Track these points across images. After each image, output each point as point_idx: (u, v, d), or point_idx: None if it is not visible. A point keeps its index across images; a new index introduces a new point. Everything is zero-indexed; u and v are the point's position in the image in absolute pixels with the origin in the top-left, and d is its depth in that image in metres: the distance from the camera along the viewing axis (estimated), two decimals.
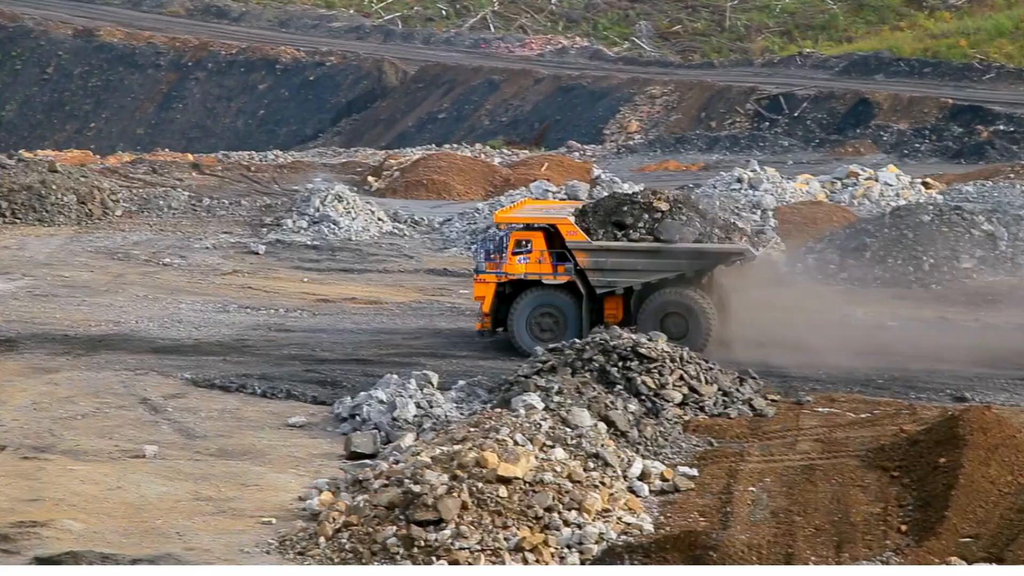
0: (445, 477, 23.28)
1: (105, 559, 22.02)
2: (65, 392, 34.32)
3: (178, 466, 28.10)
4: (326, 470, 28.19)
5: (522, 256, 39.38)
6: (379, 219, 62.21)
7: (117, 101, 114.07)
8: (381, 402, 31.33)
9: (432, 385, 32.03)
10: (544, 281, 39.24)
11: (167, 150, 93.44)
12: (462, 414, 30.49)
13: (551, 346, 33.14)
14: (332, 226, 59.90)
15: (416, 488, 23.03)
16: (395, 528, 22.55)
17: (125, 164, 79.89)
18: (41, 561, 22.00)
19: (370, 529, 22.81)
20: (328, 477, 27.27)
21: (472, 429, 25.86)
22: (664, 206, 39.81)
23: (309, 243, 57.11)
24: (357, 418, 31.40)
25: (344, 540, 22.72)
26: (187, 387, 35.55)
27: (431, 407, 31.01)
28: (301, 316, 43.72)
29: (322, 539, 22.97)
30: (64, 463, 27.89)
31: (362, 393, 32.50)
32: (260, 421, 32.43)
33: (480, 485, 22.97)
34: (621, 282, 39.30)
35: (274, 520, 24.64)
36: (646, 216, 39.54)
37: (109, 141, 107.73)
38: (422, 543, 22.08)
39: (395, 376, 32.73)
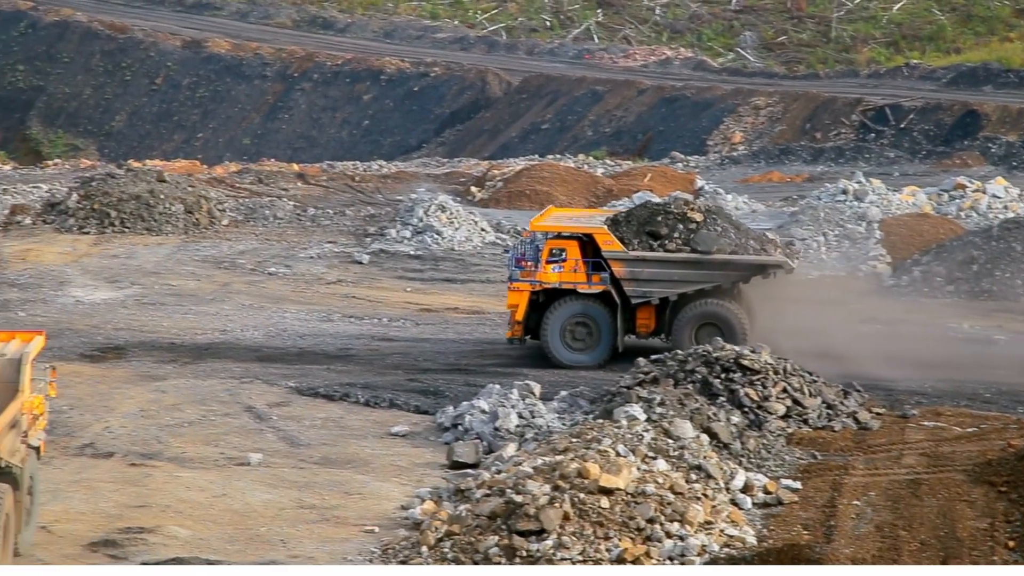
0: (547, 487, 23.27)
1: (211, 566, 22.20)
2: (172, 400, 34.68)
3: (282, 474, 28.30)
4: (428, 479, 28.28)
5: (556, 265, 39.24)
6: (482, 229, 62.33)
7: (224, 111, 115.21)
8: (483, 412, 31.39)
9: (534, 395, 32.04)
10: (579, 290, 39.17)
11: (273, 160, 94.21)
12: (564, 424, 30.48)
13: (653, 357, 32.93)
14: (435, 236, 60.09)
15: (518, 498, 23.03)
16: (497, 538, 22.57)
17: (231, 174, 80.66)
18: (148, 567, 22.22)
19: (472, 539, 22.84)
20: (430, 486, 27.35)
21: (574, 440, 25.84)
22: (698, 217, 39.78)
23: (412, 253, 57.35)
24: (459, 428, 31.48)
25: (446, 549, 22.77)
26: (291, 395, 35.81)
27: (533, 417, 31.02)
28: (404, 326, 43.90)
29: (424, 548, 23.04)
30: (171, 470, 28.17)
31: (464, 403, 32.57)
32: (363, 430, 32.60)
33: (582, 496, 22.94)
34: (657, 292, 39.16)
35: (377, 528, 24.75)
36: (680, 227, 39.47)
37: (216, 151, 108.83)
38: (524, 553, 22.08)
39: (497, 386, 32.78)
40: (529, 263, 39.58)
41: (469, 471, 28.11)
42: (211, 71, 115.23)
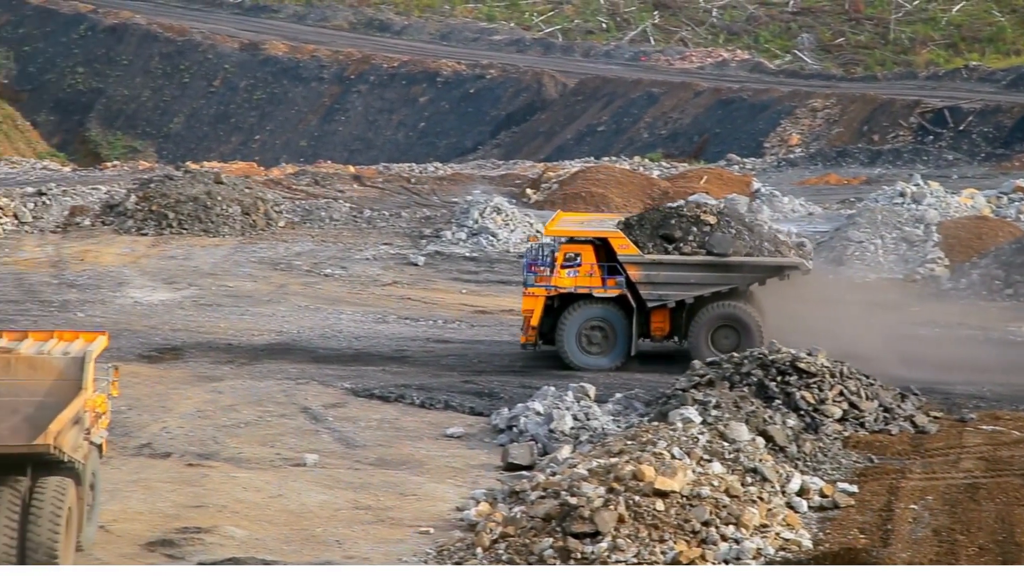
0: (602, 490, 23.25)
1: (267, 566, 22.30)
2: (228, 400, 34.85)
3: (338, 475, 28.38)
4: (483, 481, 28.30)
5: (571, 270, 39.14)
6: (537, 231, 62.32)
7: (281, 113, 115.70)
8: (538, 414, 31.39)
9: (589, 397, 32.02)
10: (595, 294, 39.09)
11: (329, 162, 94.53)
12: (619, 427, 30.44)
13: (709, 359, 32.83)
14: (490, 238, 60.15)
15: (573, 500, 23.02)
16: (552, 540, 22.57)
17: (288, 176, 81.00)
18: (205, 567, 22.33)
19: (527, 540, 22.84)
20: (485, 488, 27.38)
21: (629, 442, 25.81)
22: (712, 219, 39.77)
23: (468, 255, 57.43)
24: (514, 429, 31.50)
25: (501, 551, 22.78)
26: (347, 397, 35.92)
27: (588, 419, 31.00)
28: (459, 328, 43.95)
29: (479, 549, 23.06)
30: (227, 470, 28.30)
31: (519, 405, 32.59)
32: (418, 431, 32.67)
33: (637, 498, 22.91)
34: (673, 296, 39.07)
35: (432, 530, 24.79)
36: (694, 229, 39.38)
37: (273, 153, 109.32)
38: (579, 555, 22.07)
39: (552, 388, 32.79)
40: (542, 268, 39.49)
41: (524, 473, 28.13)
42: (268, 73, 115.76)
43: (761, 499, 24.37)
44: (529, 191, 74.60)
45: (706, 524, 22.94)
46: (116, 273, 53.32)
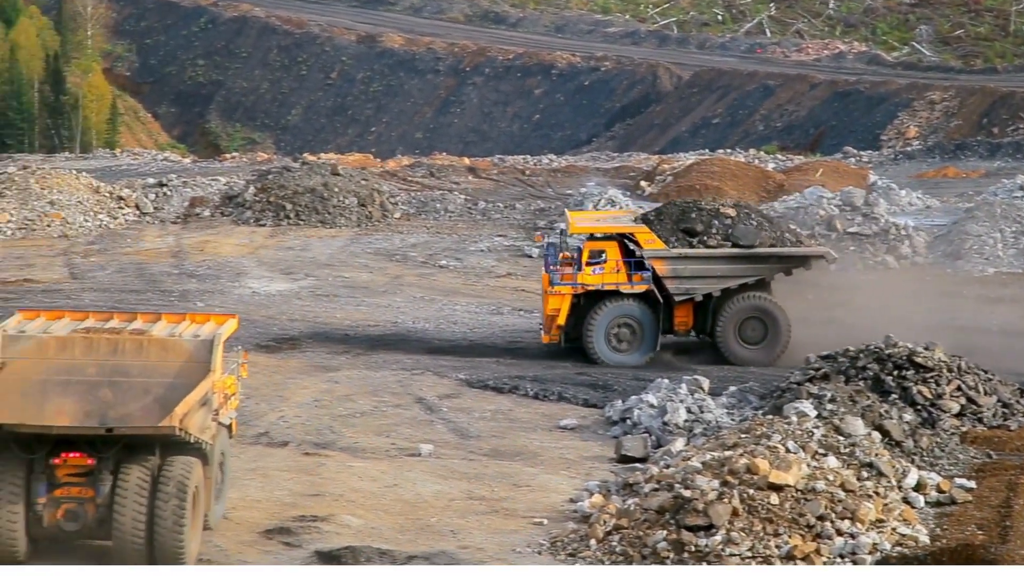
0: (716, 483, 23.20)
1: (382, 555, 22.47)
2: (345, 390, 35.14)
3: (452, 465, 28.53)
4: (597, 472, 28.33)
5: (596, 267, 38.81)
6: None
7: (397, 106, 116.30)
8: (652, 406, 31.36)
9: (703, 390, 31.94)
10: (622, 291, 38.79)
11: (444, 154, 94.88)
12: (733, 420, 30.35)
13: (824, 353, 32.58)
14: None
15: (687, 493, 23.00)
16: (665, 532, 22.56)
17: (404, 167, 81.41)
18: (321, 556, 22.54)
19: (640, 533, 22.86)
20: (599, 480, 27.40)
21: (743, 435, 25.73)
22: (731, 212, 39.60)
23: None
24: (628, 422, 31.49)
25: (615, 543, 22.82)
26: (461, 387, 36.09)
27: (702, 412, 30.93)
28: None
29: (593, 541, 23.10)
30: (343, 459, 28.54)
31: (633, 397, 32.57)
32: (532, 423, 32.76)
33: (751, 492, 22.85)
34: (700, 289, 38.79)
35: (546, 521, 24.85)
36: (715, 222, 39.13)
37: (389, 145, 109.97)
38: (692, 548, 22.05)
39: (666, 381, 32.74)
40: (554, 267, 39.12)
41: (637, 465, 28.12)
42: (385, 66, 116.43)
43: (877, 494, 24.19)
44: (643, 183, 74.42)
45: (821, 518, 22.82)
46: (235, 263, 53.93)
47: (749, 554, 21.81)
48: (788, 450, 24.49)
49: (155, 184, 69.24)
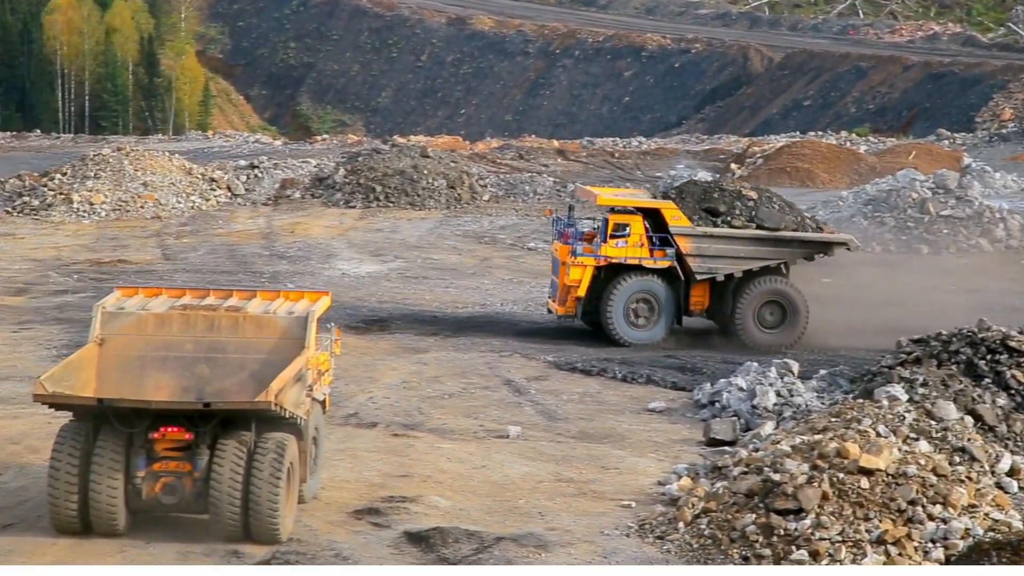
0: (805, 467, 23.08)
1: (470, 536, 22.55)
2: (433, 372, 35.27)
3: (540, 447, 28.56)
4: (685, 455, 28.27)
5: (620, 240, 38.52)
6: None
7: (487, 88, 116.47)
8: (741, 389, 31.24)
9: (793, 374, 31.77)
10: (644, 265, 38.43)
11: (533, 136, 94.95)
12: (823, 404, 30.17)
13: (915, 336, 32.29)
14: None
15: (776, 477, 22.89)
16: (754, 516, 22.47)
17: (493, 149, 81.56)
18: (410, 536, 22.65)
19: (729, 516, 22.78)
20: (687, 463, 27.34)
21: (833, 419, 25.56)
22: (753, 194, 39.40)
23: None
24: (717, 405, 31.40)
25: (703, 526, 22.76)
26: (550, 370, 36.13)
27: (791, 396, 30.78)
28: None
29: (681, 524, 23.06)
30: (432, 441, 28.65)
31: (722, 380, 32.47)
32: (620, 405, 32.73)
33: (841, 476, 22.70)
34: (723, 268, 38.51)
35: (634, 504, 24.82)
36: (738, 203, 38.83)
37: (478, 127, 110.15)
38: (781, 532, 21.95)
39: (755, 364, 32.60)
40: (577, 239, 38.78)
41: (726, 448, 28.03)
42: (475, 48, 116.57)
43: (969, 479, 23.96)
44: (733, 166, 74.16)
45: (912, 503, 22.63)
46: (325, 245, 54.25)
47: (839, 538, 21.68)
48: (879, 434, 24.31)
49: (246, 166, 69.78)
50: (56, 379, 22.02)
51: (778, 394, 30.74)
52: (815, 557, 21.38)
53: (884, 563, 21.44)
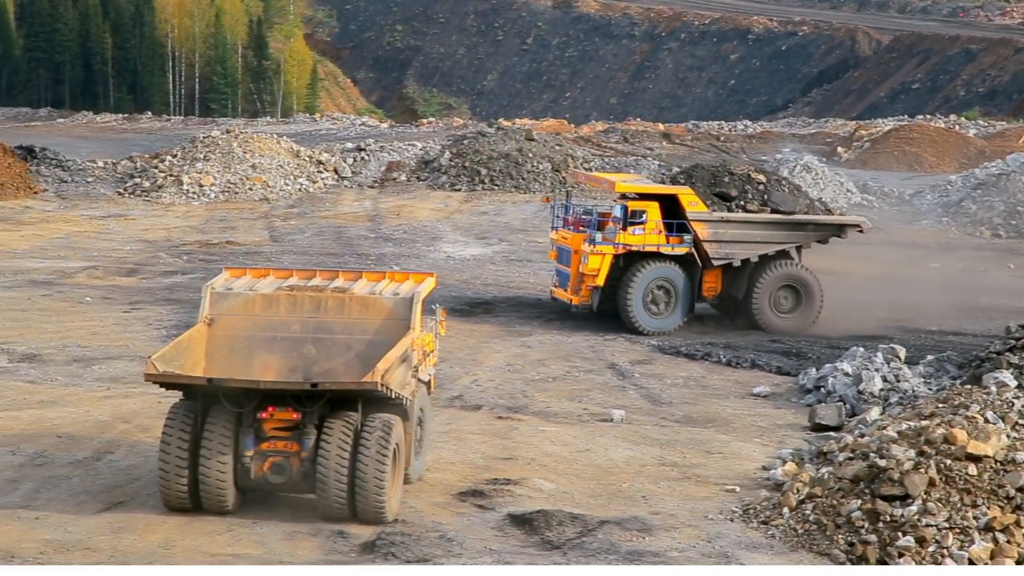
0: (912, 452, 22.91)
1: (574, 519, 22.61)
2: (537, 355, 35.35)
3: (644, 431, 28.56)
4: (790, 440, 28.17)
5: (637, 227, 38.06)
6: (847, 190, 61.49)
7: (592, 71, 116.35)
8: (847, 375, 31.06)
9: (899, 359, 31.54)
10: (663, 252, 37.99)
11: (638, 119, 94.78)
12: (930, 389, 29.93)
13: (1020, 323, 31.91)
14: None
15: (882, 462, 22.75)
16: (860, 502, 22.35)
17: (598, 133, 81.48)
18: (514, 519, 22.74)
19: (834, 502, 22.68)
20: (792, 448, 27.24)
21: (940, 405, 25.35)
22: (762, 177, 38.97)
23: None
24: (822, 390, 31.24)
25: (808, 512, 22.67)
26: (654, 354, 36.11)
27: (898, 381, 30.56)
28: None
29: (786, 509, 22.98)
30: (536, 424, 28.73)
31: (827, 365, 32.30)
32: (724, 389, 32.66)
33: (948, 462, 22.52)
34: (740, 254, 38.06)
35: (738, 488, 24.78)
36: (748, 188, 38.39)
37: (583, 110, 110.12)
38: (887, 518, 21.81)
39: (861, 349, 32.39)
40: (594, 228, 38.41)
41: (831, 434, 27.90)
42: (580, 31, 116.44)
43: None
44: (840, 150, 73.61)
45: (1021, 490, 22.41)
46: (430, 228, 54.52)
47: (946, 525, 21.52)
48: (987, 420, 24.08)
49: (353, 148, 70.26)
50: (166, 359, 22.29)
51: (884, 379, 30.54)
52: (921, 543, 21.24)
53: (991, 550, 21.28)
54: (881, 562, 21.27)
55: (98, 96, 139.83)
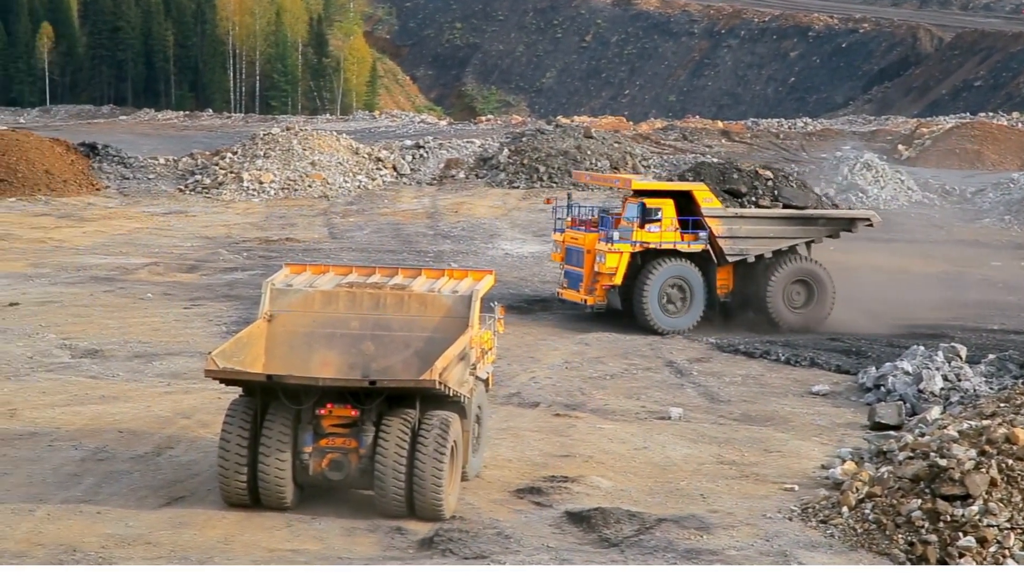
0: (973, 452, 22.76)
1: (631, 517, 22.58)
2: (595, 353, 35.33)
3: (702, 429, 28.50)
4: (849, 439, 28.04)
5: (653, 224, 37.72)
6: (908, 188, 61.13)
7: (651, 68, 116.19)
8: (907, 373, 30.90)
9: (960, 358, 31.34)
10: (679, 249, 37.65)
11: (697, 117, 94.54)
12: (991, 388, 29.72)
13: None
14: (860, 194, 59.33)
15: (942, 462, 22.62)
16: (920, 501, 22.22)
17: (656, 130, 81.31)
18: (571, 516, 22.74)
19: (894, 501, 22.56)
20: (851, 446, 27.12)
21: (1002, 404, 25.18)
22: (769, 173, 38.72)
23: None
24: (882, 388, 31.09)
25: (867, 511, 22.56)
26: (712, 351, 36.02)
27: (959, 380, 30.37)
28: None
29: (845, 509, 22.88)
30: (593, 421, 28.72)
31: (887, 364, 32.14)
32: (783, 388, 32.54)
33: (1010, 462, 22.35)
34: (754, 250, 37.75)
35: (797, 487, 24.69)
36: (756, 184, 38.18)
37: (642, 108, 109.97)
38: (948, 518, 21.68)
39: (922, 348, 32.21)
40: (609, 227, 38.15)
41: (891, 433, 27.75)
42: (639, 28, 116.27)
43: None
44: (901, 147, 73.22)
45: None
46: (488, 225, 54.59)
47: (1007, 525, 21.37)
48: None
49: (412, 146, 70.42)
50: (226, 355, 22.40)
51: (945, 378, 30.36)
52: (983, 543, 21.11)
53: None
54: (941, 562, 21.15)
55: (160, 93, 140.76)
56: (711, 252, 38.07)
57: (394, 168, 66.32)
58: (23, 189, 60.01)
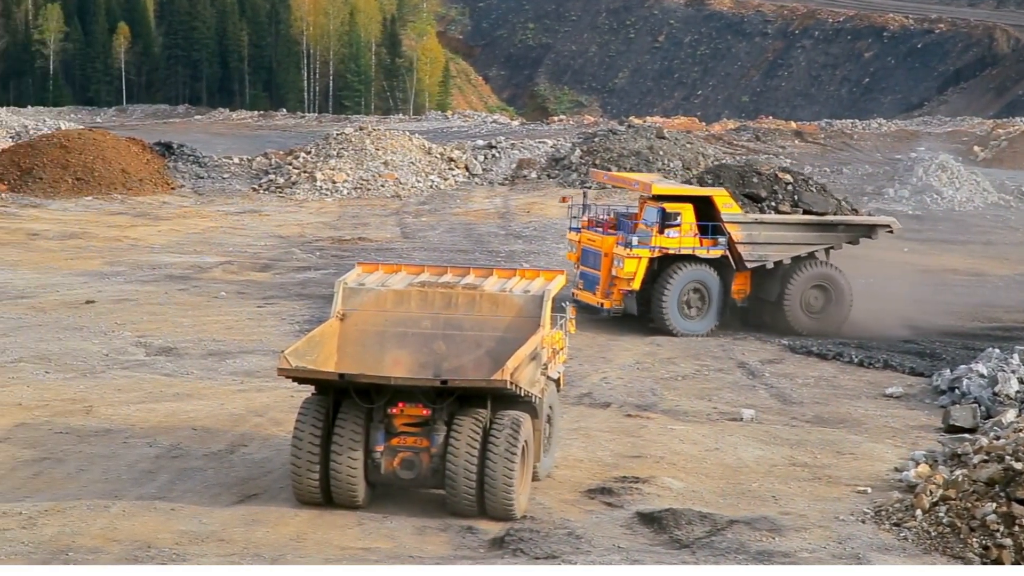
0: None
1: (703, 518, 22.52)
2: (667, 353, 35.27)
3: (774, 431, 28.39)
4: (923, 442, 27.85)
5: (672, 229, 37.26)
6: (984, 190, 60.63)
7: (724, 69, 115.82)
8: (982, 376, 30.65)
9: None
10: (698, 255, 37.23)
11: (770, 117, 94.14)
12: None
13: None
14: (935, 196, 58.90)
15: (1018, 465, 22.43)
16: (995, 505, 22.05)
17: (729, 131, 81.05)
18: (643, 517, 22.70)
19: (968, 504, 22.39)
20: (925, 449, 26.93)
21: None
22: (789, 178, 38.20)
23: (910, 213, 56.38)
24: (956, 391, 30.87)
25: (941, 514, 22.41)
26: (784, 353, 35.88)
27: None
28: (899, 286, 43.27)
29: (919, 512, 22.73)
30: (665, 422, 28.66)
31: (962, 366, 31.90)
32: (856, 390, 32.37)
33: None
34: (773, 256, 37.29)
35: (870, 489, 24.55)
36: (776, 188, 37.67)
37: (715, 108, 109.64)
38: (1023, 522, 21.51)
39: (997, 350, 31.96)
40: (629, 230, 37.78)
41: (966, 435, 27.54)
42: (712, 28, 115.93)
43: None
44: (977, 148, 72.63)
45: None
46: (560, 225, 54.56)
47: None
48: None
49: (484, 146, 70.53)
50: (299, 353, 22.52)
51: (1021, 381, 30.11)
52: None
53: None
54: (1017, 565, 20.97)
55: (234, 93, 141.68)
56: (730, 258, 37.89)
57: (466, 168, 66.44)
58: (100, 188, 60.57)
